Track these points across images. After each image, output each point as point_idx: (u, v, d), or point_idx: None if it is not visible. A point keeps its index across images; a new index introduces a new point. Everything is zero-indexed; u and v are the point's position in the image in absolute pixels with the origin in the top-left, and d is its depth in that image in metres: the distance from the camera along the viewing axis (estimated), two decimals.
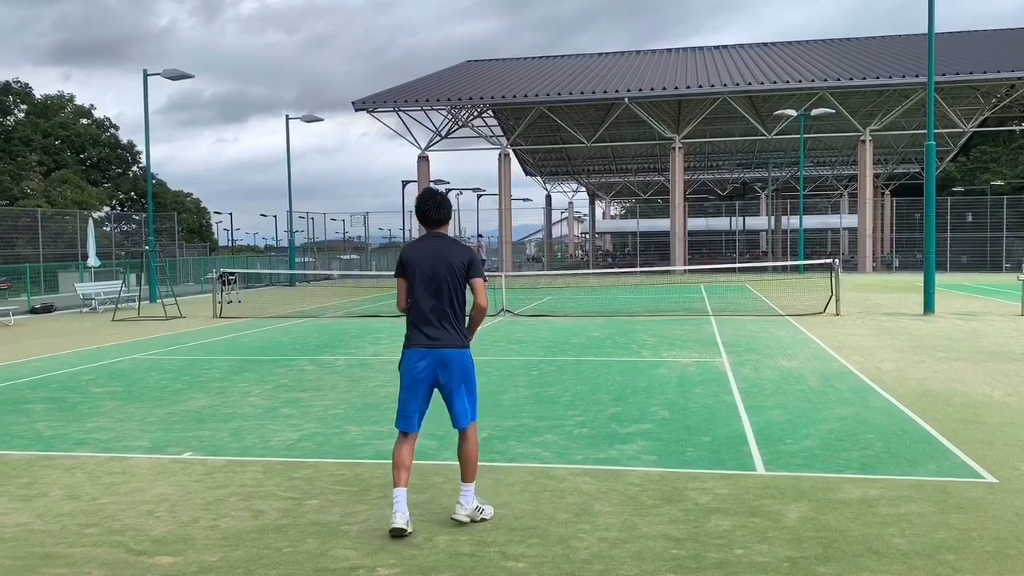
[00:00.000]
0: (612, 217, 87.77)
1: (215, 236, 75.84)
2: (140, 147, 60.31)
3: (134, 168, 60.34)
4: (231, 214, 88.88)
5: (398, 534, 4.59)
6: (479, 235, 39.22)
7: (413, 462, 4.86)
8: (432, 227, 4.97)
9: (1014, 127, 47.62)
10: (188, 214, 63.46)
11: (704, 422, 7.38)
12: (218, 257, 49.77)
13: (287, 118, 38.43)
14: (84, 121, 58.49)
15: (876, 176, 50.92)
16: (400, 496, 4.69)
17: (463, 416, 4.85)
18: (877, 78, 38.55)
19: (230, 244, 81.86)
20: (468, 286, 4.88)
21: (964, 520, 4.72)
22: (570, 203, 78.45)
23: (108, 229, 39.57)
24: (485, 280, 4.94)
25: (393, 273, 5.06)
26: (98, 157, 57.70)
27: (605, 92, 40.72)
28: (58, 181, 50.23)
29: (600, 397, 8.66)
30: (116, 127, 60.36)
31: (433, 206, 4.93)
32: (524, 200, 62.84)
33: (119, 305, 21.19)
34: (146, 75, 26.43)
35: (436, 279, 4.81)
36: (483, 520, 4.82)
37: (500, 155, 44.93)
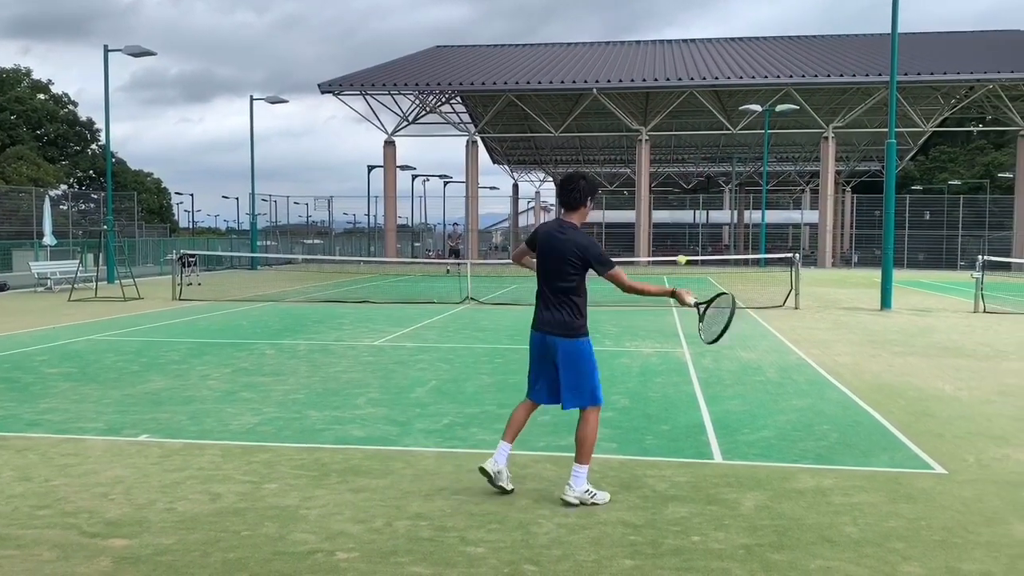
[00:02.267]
0: None
1: (175, 217, 74.68)
2: (100, 124, 59.09)
3: (93, 146, 59.12)
4: (192, 195, 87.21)
5: (483, 473, 4.97)
6: (455, 224, 39.24)
7: (379, 448, 4.84)
8: (565, 209, 5.05)
9: (972, 128, 48.60)
10: (148, 194, 62.41)
11: (664, 411, 7.46)
12: (178, 238, 49.02)
13: (251, 99, 38.03)
14: (41, 96, 57.09)
15: (838, 173, 51.72)
16: (501, 448, 5.02)
17: (567, 401, 5.01)
18: (841, 76, 39.09)
19: (191, 226, 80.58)
20: (604, 278, 4.92)
21: (914, 510, 4.83)
22: (537, 192, 78.42)
23: (65, 207, 38.73)
24: (614, 266, 4.94)
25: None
26: (55, 134, 56.44)
27: (574, 82, 40.77)
28: (13, 157, 49.04)
29: None
30: (75, 103, 59.09)
31: (568, 188, 5.02)
32: (491, 188, 62.77)
33: (75, 285, 20.79)
34: (107, 51, 25.89)
35: (550, 263, 4.94)
36: (594, 504, 4.84)
37: (468, 142, 44.79)
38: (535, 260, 5.11)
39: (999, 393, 8.44)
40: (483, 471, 5.00)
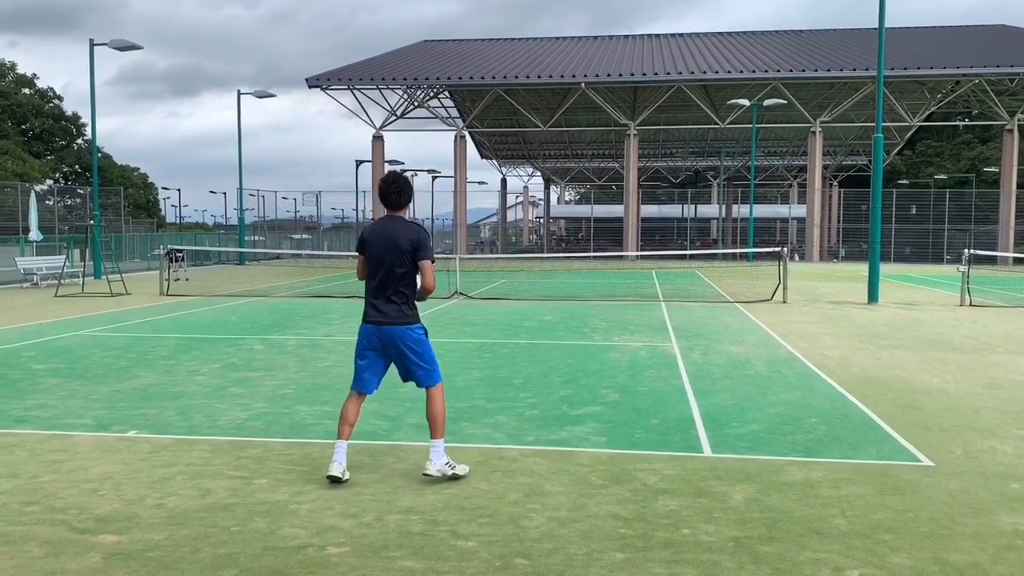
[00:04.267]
0: (567, 202, 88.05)
1: (162, 212, 74.18)
2: (86, 119, 58.60)
3: (79, 141, 58.70)
4: (179, 190, 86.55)
5: (335, 481, 5.03)
6: (422, 220, 39.34)
7: (369, 443, 4.86)
8: (392, 209, 5.25)
9: (957, 123, 48.87)
10: (135, 189, 62.05)
11: (653, 405, 7.48)
12: (165, 234, 48.76)
13: (239, 93, 37.88)
14: (27, 91, 56.62)
15: (825, 167, 51.88)
16: (341, 448, 5.13)
17: (423, 380, 5.24)
18: (829, 70, 39.22)
19: (178, 221, 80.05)
20: (418, 267, 5.15)
21: (901, 502, 4.87)
22: (525, 187, 78.44)
23: (51, 203, 38.43)
24: (433, 261, 5.21)
25: (355, 251, 5.38)
26: (41, 128, 56.02)
27: (562, 76, 40.73)
28: None
29: (552, 380, 8.71)
30: (60, 98, 58.65)
31: (395, 190, 5.21)
32: (479, 183, 62.61)
33: (62, 281, 20.66)
34: (92, 45, 25.71)
35: (384, 260, 5.12)
36: (455, 476, 5.16)
37: (456, 137, 44.71)
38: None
39: (985, 386, 8.51)
40: (333, 479, 5.03)
